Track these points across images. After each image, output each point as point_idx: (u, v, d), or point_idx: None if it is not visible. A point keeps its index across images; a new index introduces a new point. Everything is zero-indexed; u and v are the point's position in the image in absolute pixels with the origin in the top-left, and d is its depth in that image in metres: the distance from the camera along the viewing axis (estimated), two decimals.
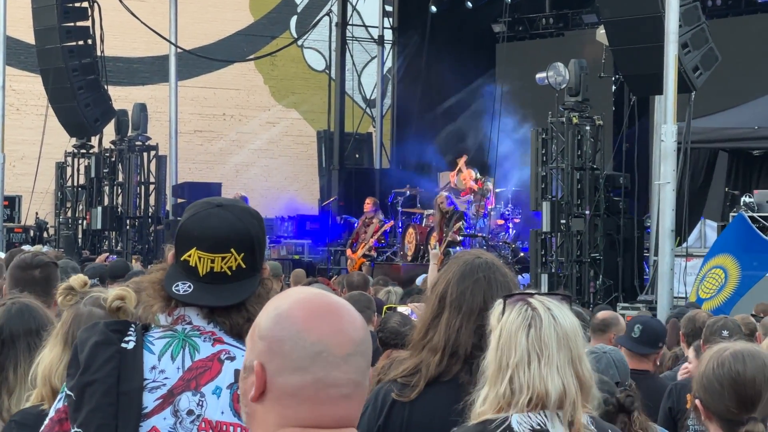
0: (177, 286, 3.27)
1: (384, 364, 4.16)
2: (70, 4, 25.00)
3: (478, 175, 23.48)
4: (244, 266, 3.29)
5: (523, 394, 3.27)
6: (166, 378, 3.18)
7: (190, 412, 3.15)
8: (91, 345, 3.15)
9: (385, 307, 7.93)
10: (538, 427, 3.26)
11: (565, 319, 3.34)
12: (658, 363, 8.32)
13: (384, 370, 4.06)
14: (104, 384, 3.11)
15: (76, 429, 3.10)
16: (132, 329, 3.22)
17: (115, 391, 3.11)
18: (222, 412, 3.16)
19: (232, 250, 3.28)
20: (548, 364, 3.28)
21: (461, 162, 23.94)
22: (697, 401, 3.44)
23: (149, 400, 3.15)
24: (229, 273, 3.28)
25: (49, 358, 3.82)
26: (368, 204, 23.51)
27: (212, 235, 3.28)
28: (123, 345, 3.18)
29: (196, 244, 3.29)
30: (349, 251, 23.58)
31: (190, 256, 3.29)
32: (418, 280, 14.00)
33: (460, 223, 21.46)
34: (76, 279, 3.80)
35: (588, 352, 6.24)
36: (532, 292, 3.38)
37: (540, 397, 3.26)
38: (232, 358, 3.20)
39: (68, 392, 3.15)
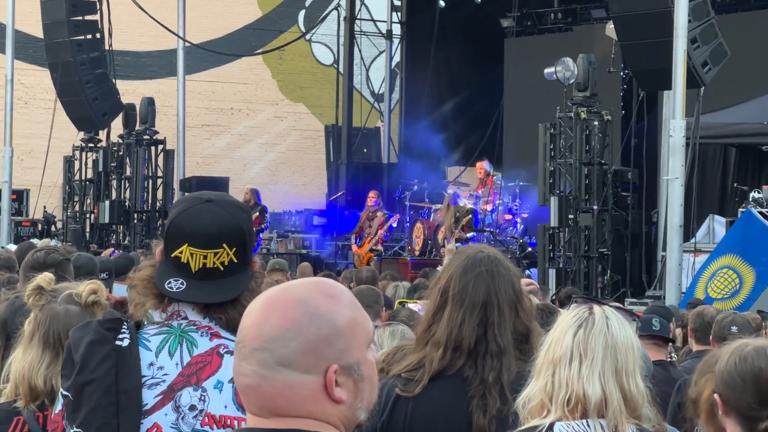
0: (170, 283, 3.23)
1: (389, 352, 4.13)
2: None
3: (491, 170, 23.36)
4: (236, 261, 3.26)
5: (562, 390, 3.32)
6: (165, 374, 3.15)
7: (192, 408, 3.13)
8: (86, 344, 3.11)
9: (397, 301, 7.89)
10: None
11: (620, 332, 3.37)
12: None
13: (389, 358, 4.02)
14: (103, 383, 3.08)
15: (75, 429, 3.06)
16: (125, 326, 3.19)
17: (114, 389, 3.08)
18: (225, 407, 3.14)
19: (224, 245, 3.25)
20: (590, 367, 3.33)
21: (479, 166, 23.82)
22: (716, 396, 3.40)
23: (149, 397, 3.13)
24: (222, 268, 3.25)
25: (28, 359, 3.76)
26: (371, 198, 23.44)
27: (204, 231, 3.24)
28: (118, 343, 3.14)
29: (187, 241, 3.24)
30: (354, 246, 23.51)
31: (181, 252, 3.24)
32: None
33: (469, 217, 21.36)
34: (44, 278, 3.75)
35: None
36: (611, 303, 3.44)
37: (578, 398, 3.31)
38: (231, 352, 3.16)
39: (64, 392, 3.12)
